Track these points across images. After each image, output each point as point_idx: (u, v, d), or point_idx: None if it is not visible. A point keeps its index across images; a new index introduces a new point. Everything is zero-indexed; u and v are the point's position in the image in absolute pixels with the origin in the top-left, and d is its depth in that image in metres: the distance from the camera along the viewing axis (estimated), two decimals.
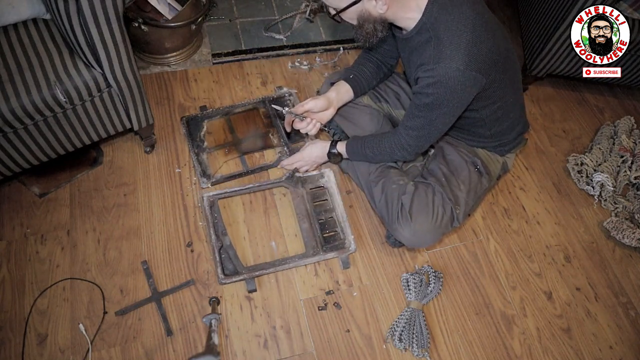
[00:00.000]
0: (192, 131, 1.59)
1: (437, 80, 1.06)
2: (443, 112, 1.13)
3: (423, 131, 1.20)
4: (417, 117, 1.18)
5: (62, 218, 1.38)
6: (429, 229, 1.27)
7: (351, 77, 1.42)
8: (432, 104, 1.11)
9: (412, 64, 1.19)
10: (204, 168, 1.52)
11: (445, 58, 1.04)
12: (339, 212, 1.47)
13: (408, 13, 1.10)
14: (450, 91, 1.07)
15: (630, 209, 1.67)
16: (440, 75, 1.05)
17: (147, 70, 1.73)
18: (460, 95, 1.09)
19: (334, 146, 1.42)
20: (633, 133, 1.84)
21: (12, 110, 1.07)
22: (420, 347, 1.28)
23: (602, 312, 1.46)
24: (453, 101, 1.10)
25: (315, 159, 1.49)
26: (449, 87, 1.06)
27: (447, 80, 1.05)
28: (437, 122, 1.17)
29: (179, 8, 1.66)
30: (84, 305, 1.26)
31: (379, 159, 1.36)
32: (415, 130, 1.21)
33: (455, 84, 1.05)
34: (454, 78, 1.04)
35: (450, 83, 1.05)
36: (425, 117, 1.16)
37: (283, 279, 1.37)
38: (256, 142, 1.62)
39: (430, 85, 1.08)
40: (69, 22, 1.06)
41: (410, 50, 1.17)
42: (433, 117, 1.15)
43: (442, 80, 1.05)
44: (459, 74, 1.04)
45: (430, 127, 1.19)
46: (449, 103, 1.10)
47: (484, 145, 1.39)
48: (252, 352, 1.26)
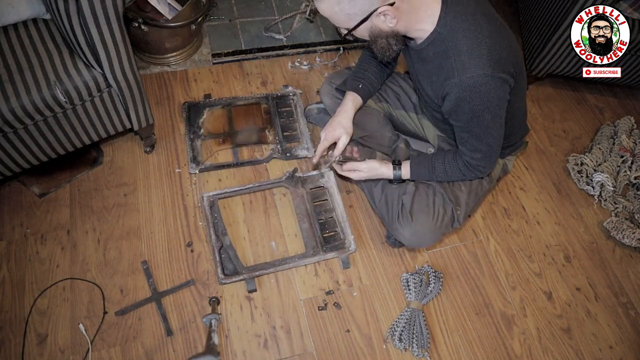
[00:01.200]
0: (192, 117, 1.61)
1: (467, 91, 1.03)
2: (489, 119, 1.09)
3: (484, 146, 1.15)
4: (469, 137, 1.14)
5: (62, 218, 1.38)
6: (429, 229, 1.27)
7: (360, 87, 1.38)
8: (475, 117, 1.08)
9: (428, 75, 1.16)
10: (195, 154, 1.54)
11: (469, 67, 1.01)
12: (339, 212, 1.47)
13: (420, 24, 1.07)
14: (486, 98, 1.04)
15: (630, 209, 1.67)
16: (469, 85, 1.02)
17: (147, 70, 1.73)
18: (496, 100, 1.06)
19: (399, 170, 1.32)
20: (633, 133, 1.84)
21: (12, 110, 1.07)
22: (420, 347, 1.28)
23: (602, 312, 1.46)
24: (491, 107, 1.07)
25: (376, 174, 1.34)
26: (483, 94, 1.03)
27: (479, 88, 1.02)
28: (491, 129, 1.12)
29: (179, 8, 1.66)
30: (84, 305, 1.26)
31: (450, 180, 1.30)
32: (476, 151, 1.17)
33: (488, 90, 1.03)
34: (485, 84, 1.02)
35: (482, 90, 1.02)
36: (476, 133, 1.12)
37: (283, 279, 1.37)
38: (251, 136, 1.62)
39: (463, 99, 1.05)
40: (69, 22, 1.06)
41: (423, 60, 1.14)
42: (482, 128, 1.11)
43: (474, 89, 1.02)
44: (487, 79, 1.01)
45: (487, 138, 1.14)
46: (488, 110, 1.07)
47: None
48: (252, 352, 1.26)
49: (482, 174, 1.24)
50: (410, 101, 1.49)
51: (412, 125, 1.53)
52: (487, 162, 1.21)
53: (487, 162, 1.21)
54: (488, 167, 1.22)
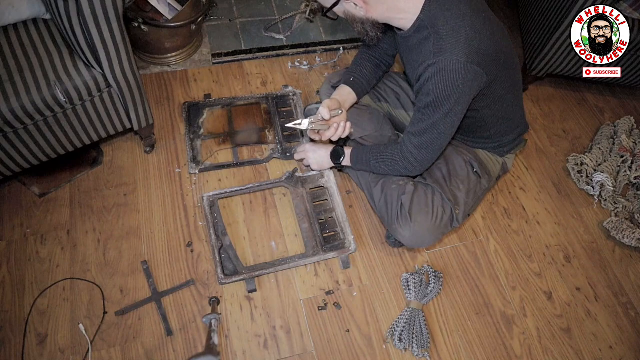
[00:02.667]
0: (192, 117, 1.62)
1: (437, 72, 1.04)
2: (445, 111, 1.10)
3: (425, 137, 1.17)
4: (420, 120, 1.16)
5: (62, 218, 1.38)
6: (428, 229, 1.27)
7: (352, 80, 1.40)
8: (434, 102, 1.09)
9: (412, 62, 1.18)
10: (195, 154, 1.54)
11: (445, 51, 1.02)
12: (339, 212, 1.47)
13: (399, 14, 1.09)
14: (451, 85, 1.05)
15: (630, 209, 1.67)
16: (440, 68, 1.03)
17: (147, 70, 1.73)
18: (462, 90, 1.07)
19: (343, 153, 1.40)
20: (633, 133, 1.84)
21: (12, 110, 1.07)
22: (420, 347, 1.28)
23: (602, 312, 1.46)
24: (455, 96, 1.07)
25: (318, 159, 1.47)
26: (450, 80, 1.04)
27: (448, 73, 1.03)
28: (440, 125, 1.13)
29: (179, 8, 1.66)
30: (84, 305, 1.26)
31: (382, 169, 1.32)
32: (417, 136, 1.18)
33: (457, 77, 1.03)
34: (455, 71, 1.03)
35: (451, 76, 1.03)
36: (428, 119, 1.13)
37: (283, 279, 1.37)
38: (251, 136, 1.62)
39: (430, 79, 1.06)
40: (69, 22, 1.06)
41: (410, 48, 1.16)
42: (435, 118, 1.12)
43: (443, 73, 1.03)
44: (459, 66, 1.02)
45: (433, 131, 1.15)
46: (451, 99, 1.07)
47: (484, 146, 1.39)
48: (252, 352, 1.26)
49: (413, 170, 1.25)
50: (410, 101, 1.49)
51: None
52: (418, 155, 1.21)
53: (418, 155, 1.21)
54: (418, 160, 1.23)
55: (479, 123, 1.28)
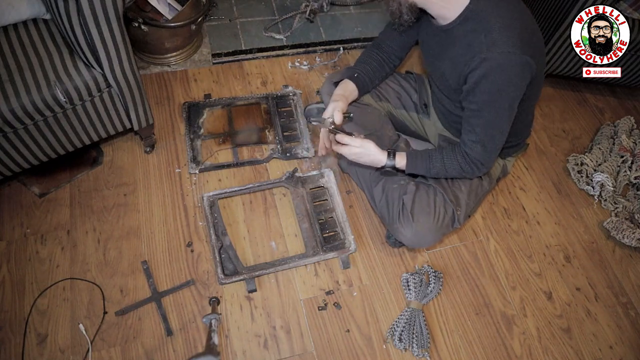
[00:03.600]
0: (192, 117, 1.62)
1: (492, 67, 1.01)
2: (501, 107, 1.06)
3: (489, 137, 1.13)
4: (475, 126, 1.12)
5: (62, 218, 1.38)
6: (430, 229, 1.27)
7: (355, 76, 1.38)
8: (493, 100, 1.05)
9: (449, 56, 1.13)
10: (195, 154, 1.54)
11: (499, 43, 1.00)
12: (339, 212, 1.47)
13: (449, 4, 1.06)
14: (506, 79, 1.02)
15: (630, 209, 1.67)
16: (495, 60, 1.00)
17: (147, 70, 1.73)
18: (516, 83, 1.04)
19: (393, 159, 1.27)
20: (633, 133, 1.84)
21: (12, 110, 1.07)
22: (420, 347, 1.28)
23: (602, 312, 1.46)
24: (510, 91, 1.04)
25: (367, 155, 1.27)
26: (506, 73, 1.01)
27: (503, 66, 1.00)
28: (501, 122, 1.09)
29: (179, 8, 1.66)
30: (84, 305, 1.26)
31: (447, 175, 1.27)
32: (478, 143, 1.14)
33: (511, 69, 1.01)
34: (511, 64, 1.00)
35: (506, 68, 1.00)
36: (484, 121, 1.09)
37: (283, 279, 1.37)
38: (251, 136, 1.62)
39: (486, 76, 1.03)
40: (69, 22, 1.06)
41: (451, 41, 1.12)
42: (491, 117, 1.09)
43: (499, 67, 1.00)
44: (515, 57, 1.00)
45: (495, 130, 1.11)
46: (507, 94, 1.04)
47: None
48: (252, 352, 1.26)
49: (479, 171, 1.22)
50: (411, 100, 1.50)
51: (413, 124, 1.53)
52: (486, 158, 1.18)
53: (486, 158, 1.18)
54: (486, 163, 1.20)
55: None
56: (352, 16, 2.06)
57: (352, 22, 2.04)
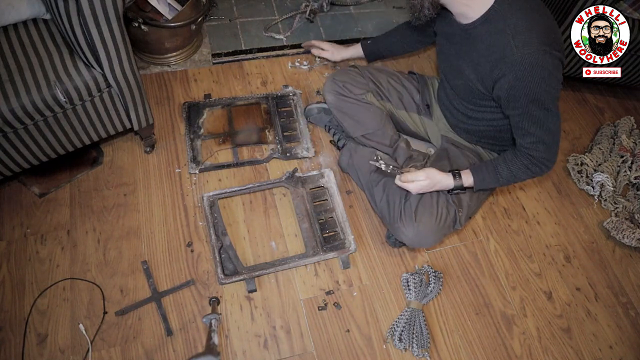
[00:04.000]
0: (192, 117, 1.62)
1: (526, 69, 1.00)
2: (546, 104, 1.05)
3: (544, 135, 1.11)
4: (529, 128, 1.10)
5: (62, 218, 1.38)
6: (432, 229, 1.27)
7: (368, 43, 1.63)
8: (532, 102, 1.04)
9: (469, 56, 1.12)
10: (195, 154, 1.54)
11: (527, 44, 0.99)
12: (339, 212, 1.47)
13: (472, 2, 1.04)
14: (543, 77, 1.01)
15: (630, 209, 1.67)
16: (529, 63, 0.99)
17: (147, 70, 1.73)
18: (554, 80, 1.03)
19: (459, 179, 1.26)
20: (633, 133, 1.84)
21: (12, 110, 1.07)
22: (420, 347, 1.28)
23: (602, 312, 1.46)
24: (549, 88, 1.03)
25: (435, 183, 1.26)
26: (540, 72, 1.00)
27: (538, 65, 0.99)
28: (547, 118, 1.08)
29: (179, 8, 1.66)
30: (84, 305, 1.26)
31: (517, 181, 1.25)
32: (539, 143, 1.12)
33: (546, 68, 1.00)
34: (543, 61, 0.99)
35: (541, 67, 1.00)
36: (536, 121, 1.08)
37: (283, 279, 1.37)
38: (251, 136, 1.62)
39: (520, 79, 1.02)
40: (69, 22, 1.06)
41: (470, 42, 1.11)
42: (541, 114, 1.07)
43: (532, 67, 1.00)
44: (546, 56, 0.99)
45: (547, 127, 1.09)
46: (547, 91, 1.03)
47: (501, 149, 1.37)
48: (252, 352, 1.26)
49: (547, 168, 1.18)
50: (413, 101, 1.50)
51: (413, 125, 1.53)
52: (550, 153, 1.15)
53: (550, 153, 1.15)
54: (552, 158, 1.16)
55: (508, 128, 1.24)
56: (352, 16, 2.06)
57: (352, 22, 2.04)
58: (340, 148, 1.59)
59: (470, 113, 1.30)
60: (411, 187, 1.24)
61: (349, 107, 1.46)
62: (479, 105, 1.25)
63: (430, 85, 1.52)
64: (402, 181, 1.24)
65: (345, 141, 1.57)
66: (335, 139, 1.62)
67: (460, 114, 1.35)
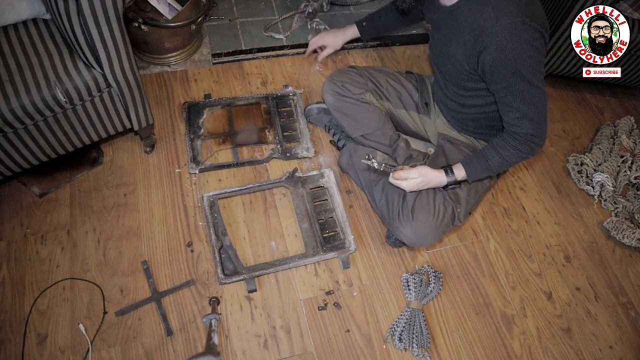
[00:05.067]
0: (192, 117, 1.62)
1: (505, 39, 1.01)
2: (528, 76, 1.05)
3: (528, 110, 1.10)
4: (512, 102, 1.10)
5: (62, 218, 1.38)
6: (430, 227, 1.27)
7: (363, 24, 1.64)
8: (514, 75, 1.05)
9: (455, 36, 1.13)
10: (195, 154, 1.54)
11: (507, 14, 1.00)
12: (339, 212, 1.47)
13: None
14: (523, 48, 1.01)
15: (630, 209, 1.67)
16: (508, 32, 1.00)
17: (147, 70, 1.73)
18: (535, 52, 1.03)
19: (452, 174, 1.26)
20: (633, 133, 1.84)
21: (12, 110, 1.07)
22: (420, 347, 1.28)
23: (602, 312, 1.46)
24: (530, 60, 1.03)
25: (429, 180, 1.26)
26: (520, 42, 1.01)
27: (517, 35, 1.00)
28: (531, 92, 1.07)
29: (179, 8, 1.66)
30: (84, 305, 1.26)
31: (510, 164, 1.23)
32: (523, 118, 1.12)
33: (525, 39, 1.01)
34: (522, 31, 1.00)
35: (520, 37, 1.00)
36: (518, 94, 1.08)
37: (283, 279, 1.37)
38: (251, 136, 1.62)
39: (500, 50, 1.02)
40: (69, 22, 1.06)
41: (455, 21, 1.12)
42: (523, 88, 1.07)
43: (512, 37, 1.00)
44: (525, 27, 1.00)
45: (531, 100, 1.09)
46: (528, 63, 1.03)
47: None
48: (252, 352, 1.26)
49: (536, 145, 1.17)
50: (412, 100, 1.50)
51: (413, 124, 1.53)
52: (537, 129, 1.14)
53: (537, 129, 1.14)
54: (539, 135, 1.15)
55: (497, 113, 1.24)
56: (352, 16, 2.06)
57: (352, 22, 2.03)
58: (340, 148, 1.59)
59: (462, 100, 1.30)
60: (404, 185, 1.24)
61: (348, 108, 1.46)
62: (469, 89, 1.25)
63: (429, 84, 1.52)
64: (395, 179, 1.24)
65: (345, 141, 1.57)
66: (335, 139, 1.62)
67: (453, 102, 1.35)
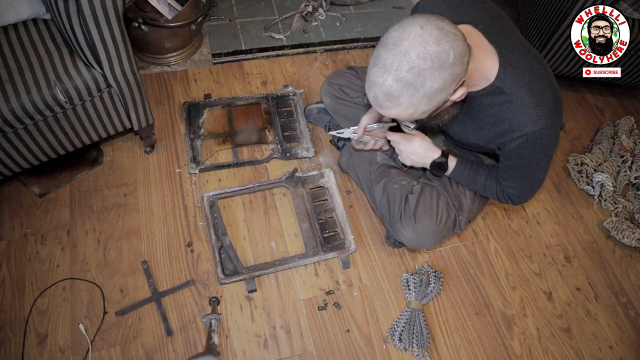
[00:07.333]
0: (192, 117, 1.62)
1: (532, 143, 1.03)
2: (540, 165, 1.11)
3: (524, 185, 1.17)
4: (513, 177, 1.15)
5: (62, 218, 1.38)
6: (431, 231, 1.26)
7: None
8: (528, 164, 1.09)
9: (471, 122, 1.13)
10: (195, 154, 1.54)
11: (537, 119, 1.00)
12: (339, 212, 1.47)
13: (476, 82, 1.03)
14: (546, 148, 1.05)
15: (630, 209, 1.67)
16: (536, 138, 1.02)
17: (147, 70, 1.73)
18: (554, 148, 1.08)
19: (445, 158, 1.25)
20: (633, 133, 1.84)
21: (12, 110, 1.07)
22: (420, 347, 1.28)
23: (602, 312, 1.46)
24: (548, 154, 1.09)
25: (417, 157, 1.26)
26: (545, 145, 1.04)
27: (544, 140, 1.03)
28: (534, 177, 1.14)
29: (179, 8, 1.66)
30: (84, 305, 1.26)
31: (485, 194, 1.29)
32: (515, 189, 1.19)
33: (550, 141, 1.04)
34: (549, 136, 1.03)
35: (546, 141, 1.03)
36: (522, 175, 1.13)
37: (283, 279, 1.37)
38: (251, 136, 1.62)
39: (524, 148, 1.04)
40: (69, 22, 1.06)
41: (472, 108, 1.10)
42: (530, 172, 1.12)
43: (539, 141, 1.03)
44: (553, 130, 1.02)
45: (529, 182, 1.16)
46: (545, 156, 1.09)
47: None
48: (252, 352, 1.26)
49: (513, 204, 1.25)
50: None
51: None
52: (523, 198, 1.22)
53: (523, 198, 1.22)
54: (521, 201, 1.23)
55: None
56: (352, 16, 2.06)
57: (352, 22, 2.04)
58: (340, 148, 1.59)
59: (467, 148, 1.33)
60: (402, 148, 1.24)
61: (346, 110, 1.46)
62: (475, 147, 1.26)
63: None
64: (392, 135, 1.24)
65: (345, 141, 1.57)
66: (335, 139, 1.62)
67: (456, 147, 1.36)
